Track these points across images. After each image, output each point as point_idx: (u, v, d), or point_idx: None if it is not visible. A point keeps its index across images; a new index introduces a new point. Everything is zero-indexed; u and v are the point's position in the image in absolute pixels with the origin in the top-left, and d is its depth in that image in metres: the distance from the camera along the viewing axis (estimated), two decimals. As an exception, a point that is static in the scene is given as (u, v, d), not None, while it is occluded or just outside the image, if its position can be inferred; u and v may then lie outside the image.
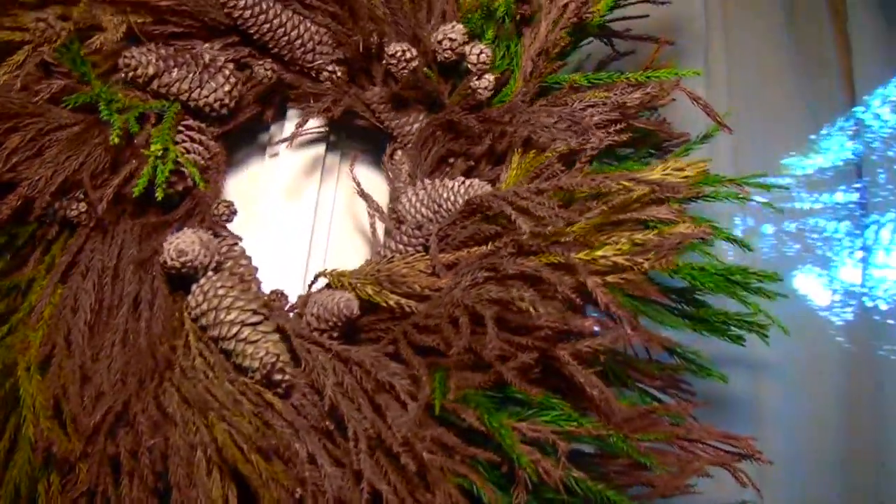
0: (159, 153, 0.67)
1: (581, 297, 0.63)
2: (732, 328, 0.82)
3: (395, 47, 0.72)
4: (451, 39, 0.73)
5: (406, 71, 0.73)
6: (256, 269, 0.77)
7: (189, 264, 0.68)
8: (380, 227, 0.82)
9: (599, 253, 0.61)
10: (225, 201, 0.78)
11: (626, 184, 0.66)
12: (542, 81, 0.77)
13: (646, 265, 0.61)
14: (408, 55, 0.72)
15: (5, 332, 0.62)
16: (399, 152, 0.82)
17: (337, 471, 0.63)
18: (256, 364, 0.66)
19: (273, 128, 0.90)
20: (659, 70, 0.79)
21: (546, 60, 0.76)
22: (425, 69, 0.75)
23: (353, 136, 0.90)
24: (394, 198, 0.80)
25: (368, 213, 0.82)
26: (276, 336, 0.69)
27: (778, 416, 1.12)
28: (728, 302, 0.79)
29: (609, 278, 0.63)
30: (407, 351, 0.65)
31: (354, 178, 0.84)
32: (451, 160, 0.79)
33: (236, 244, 0.77)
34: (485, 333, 0.61)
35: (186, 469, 0.61)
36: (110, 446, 0.60)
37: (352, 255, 0.89)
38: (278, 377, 0.66)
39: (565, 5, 0.75)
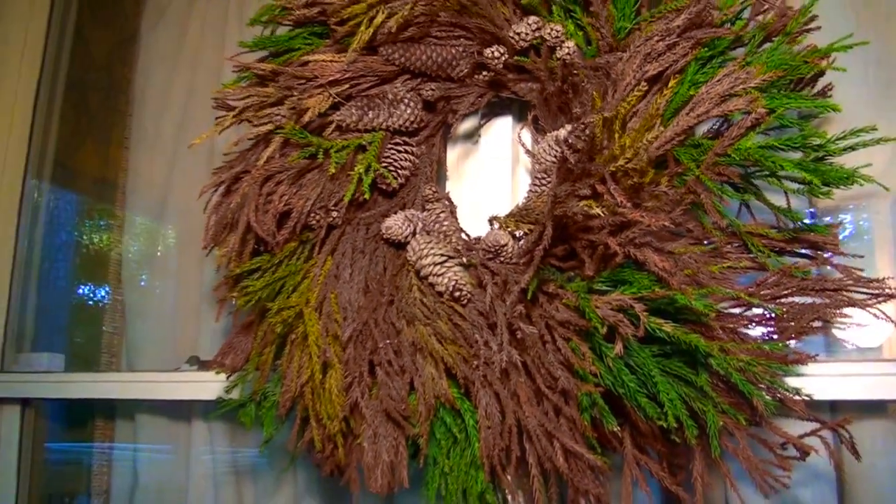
0: (363, 171, 1.05)
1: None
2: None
3: (487, 51, 1.02)
4: (517, 33, 1.00)
5: (500, 65, 1.02)
6: (457, 226, 1.11)
7: (392, 234, 1.05)
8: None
9: (621, 162, 0.84)
10: (430, 186, 1.14)
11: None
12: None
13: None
14: (496, 53, 1.01)
15: (296, 295, 1.06)
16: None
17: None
18: (443, 287, 1.00)
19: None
20: None
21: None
22: (517, 57, 1.03)
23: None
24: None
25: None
26: (458, 268, 1.02)
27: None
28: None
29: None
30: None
31: (521, 142, 1.15)
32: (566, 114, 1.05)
33: (443, 212, 1.12)
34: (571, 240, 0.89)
35: (412, 357, 0.98)
36: (360, 349, 0.99)
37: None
38: (457, 294, 0.99)
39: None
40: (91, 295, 1.90)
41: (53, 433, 1.78)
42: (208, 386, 1.29)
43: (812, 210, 1.16)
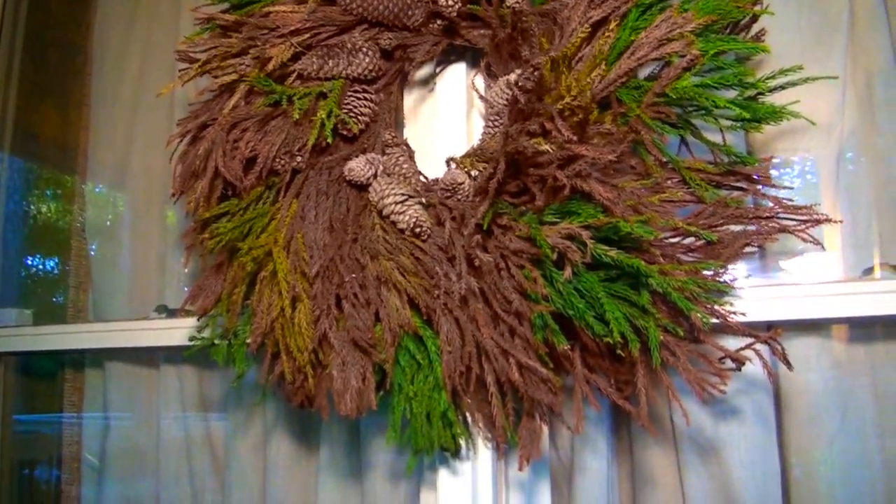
0: (325, 116, 1.11)
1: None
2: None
3: (442, 0, 1.08)
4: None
5: (454, 13, 1.08)
6: (416, 169, 1.17)
7: (355, 175, 1.11)
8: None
9: (567, 100, 0.91)
10: (389, 132, 1.19)
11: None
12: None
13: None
14: (450, 1, 1.07)
15: (264, 236, 1.11)
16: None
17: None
18: (404, 224, 1.06)
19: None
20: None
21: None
22: (470, 5, 1.09)
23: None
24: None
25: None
26: (418, 206, 1.08)
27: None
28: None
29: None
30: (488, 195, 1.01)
31: (475, 88, 1.21)
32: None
33: (402, 156, 1.18)
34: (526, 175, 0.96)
35: (376, 290, 1.05)
36: (328, 284, 1.05)
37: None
38: (418, 230, 1.06)
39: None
40: (54, 253, 1.92)
41: (23, 388, 1.82)
42: (178, 332, 1.34)
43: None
